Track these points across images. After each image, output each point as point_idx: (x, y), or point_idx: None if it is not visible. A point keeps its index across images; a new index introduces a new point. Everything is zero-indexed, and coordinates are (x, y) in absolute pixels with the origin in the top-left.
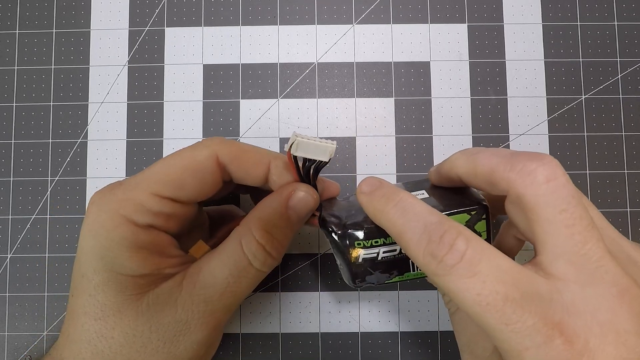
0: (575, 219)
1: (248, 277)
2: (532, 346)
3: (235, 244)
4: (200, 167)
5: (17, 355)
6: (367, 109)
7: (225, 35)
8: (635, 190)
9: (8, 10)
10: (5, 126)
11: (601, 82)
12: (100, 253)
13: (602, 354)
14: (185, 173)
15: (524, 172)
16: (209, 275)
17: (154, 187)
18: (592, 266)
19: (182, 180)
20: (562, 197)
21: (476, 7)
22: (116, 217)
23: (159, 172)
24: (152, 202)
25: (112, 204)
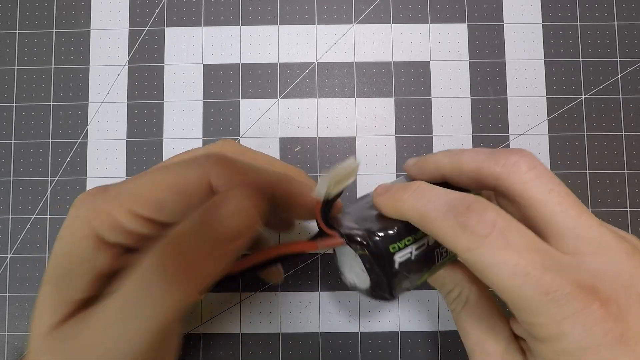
0: (563, 196)
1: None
2: (571, 314)
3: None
4: (188, 189)
5: (17, 355)
6: (367, 108)
7: (225, 35)
8: (635, 190)
9: (8, 10)
10: (5, 126)
11: (601, 82)
12: (58, 262)
13: (632, 315)
14: (168, 193)
15: (508, 164)
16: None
17: (132, 203)
18: (596, 235)
19: (164, 201)
20: (547, 179)
21: (476, 7)
22: (86, 227)
23: (141, 186)
24: (127, 219)
25: (88, 211)
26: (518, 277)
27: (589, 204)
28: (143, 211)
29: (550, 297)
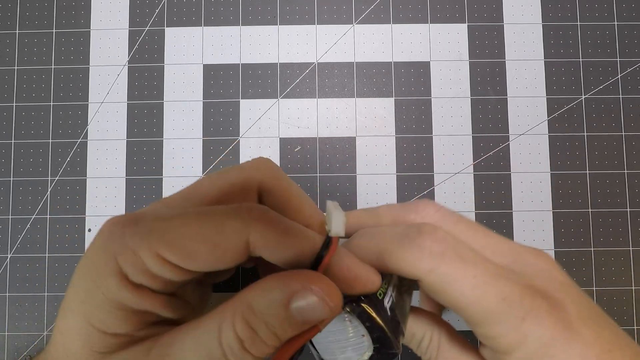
0: (469, 224)
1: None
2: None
3: (213, 328)
4: (224, 242)
5: (17, 355)
6: (367, 109)
7: (225, 35)
8: (635, 190)
9: (8, 10)
10: (5, 126)
11: (601, 82)
12: (82, 296)
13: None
14: (202, 245)
15: (419, 211)
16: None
17: (161, 248)
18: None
19: (196, 252)
20: (451, 216)
21: (476, 7)
22: (111, 263)
23: (174, 230)
24: (153, 263)
25: (115, 246)
26: (479, 288)
27: (589, 204)
28: (172, 258)
29: (507, 301)
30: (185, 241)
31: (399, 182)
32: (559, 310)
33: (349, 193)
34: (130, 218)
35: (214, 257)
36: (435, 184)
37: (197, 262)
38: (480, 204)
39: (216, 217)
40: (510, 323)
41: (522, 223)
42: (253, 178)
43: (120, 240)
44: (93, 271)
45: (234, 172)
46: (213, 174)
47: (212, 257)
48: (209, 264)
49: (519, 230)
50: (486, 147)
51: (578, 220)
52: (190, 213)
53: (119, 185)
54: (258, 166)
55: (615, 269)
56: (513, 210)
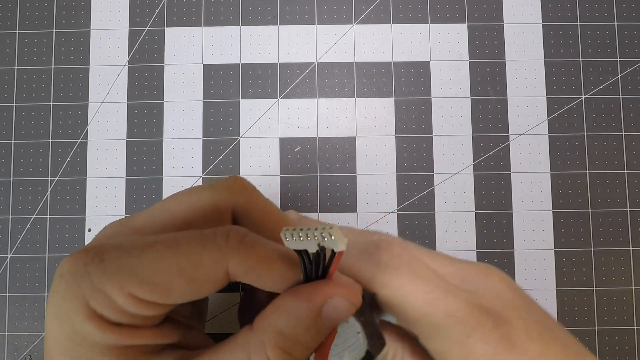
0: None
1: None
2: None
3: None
4: (202, 275)
5: (17, 355)
6: (367, 109)
7: (225, 35)
8: (635, 190)
9: (8, 10)
10: (5, 126)
11: (601, 82)
12: (66, 345)
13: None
14: (178, 278)
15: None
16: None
17: (133, 287)
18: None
19: (172, 287)
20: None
21: (476, 7)
22: (84, 308)
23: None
24: (127, 303)
25: (82, 289)
26: (429, 303)
27: (589, 204)
28: (145, 296)
29: (453, 318)
30: (159, 277)
31: (399, 182)
32: (504, 327)
33: (349, 193)
34: (93, 254)
35: (191, 290)
36: (435, 184)
37: (173, 297)
38: (480, 204)
39: (191, 248)
40: (456, 339)
41: (522, 223)
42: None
43: (88, 282)
44: (67, 320)
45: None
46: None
47: (189, 290)
48: (186, 297)
49: (519, 230)
50: (486, 147)
51: (578, 220)
52: (161, 244)
53: (119, 185)
54: (231, 186)
55: (615, 269)
56: (513, 210)
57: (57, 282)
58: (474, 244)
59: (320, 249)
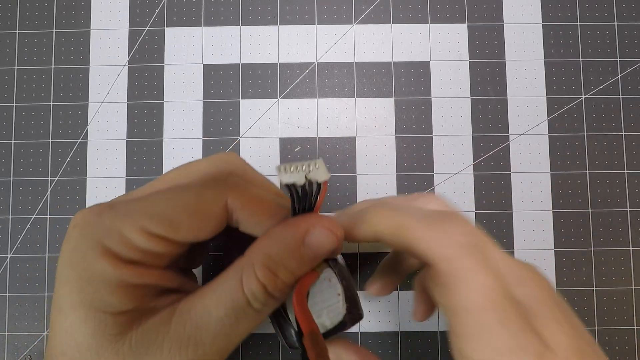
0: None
1: (247, 318)
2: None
3: (234, 280)
4: (205, 209)
5: (17, 355)
6: (367, 109)
7: (225, 35)
8: (635, 190)
9: (8, 10)
10: (5, 126)
11: (601, 82)
12: (78, 286)
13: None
14: (184, 213)
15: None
16: (203, 313)
17: (144, 222)
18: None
19: (180, 221)
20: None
21: (476, 7)
22: (99, 247)
23: (154, 204)
24: (140, 238)
25: (97, 232)
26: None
27: (589, 204)
28: (157, 230)
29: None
30: (168, 211)
31: (399, 182)
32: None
33: (349, 193)
34: (101, 205)
35: (197, 224)
36: (435, 184)
37: (181, 231)
38: (480, 204)
39: (194, 188)
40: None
41: (522, 223)
42: (224, 169)
43: (101, 225)
44: (82, 260)
45: (204, 163)
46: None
47: (195, 224)
48: (193, 233)
49: (519, 230)
50: (486, 147)
51: (578, 220)
52: (167, 188)
53: (119, 185)
54: (226, 159)
55: (615, 269)
56: (513, 210)
57: (71, 231)
58: None
59: (307, 181)
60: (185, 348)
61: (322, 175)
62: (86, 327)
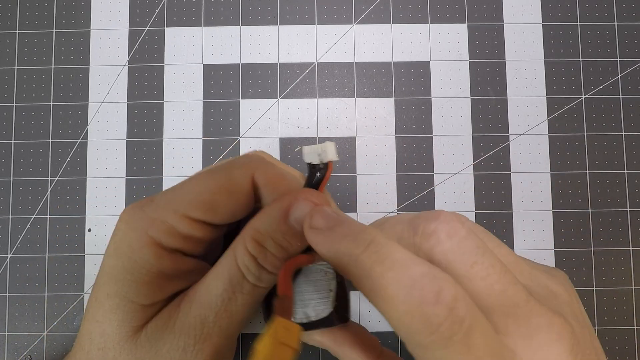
0: (488, 269)
1: (244, 292)
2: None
3: (230, 257)
4: (236, 187)
5: (17, 355)
6: (367, 109)
7: (225, 35)
8: (635, 190)
9: (8, 10)
10: (5, 126)
11: (601, 82)
12: (119, 275)
13: None
14: (219, 194)
15: (426, 233)
16: (205, 291)
17: (186, 208)
18: (523, 312)
19: (216, 202)
20: (468, 250)
21: (476, 7)
22: (144, 236)
23: (191, 191)
24: (183, 224)
25: (142, 222)
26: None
27: (589, 204)
28: (198, 214)
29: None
30: (205, 195)
31: (399, 182)
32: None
33: (349, 193)
34: (142, 200)
35: (232, 204)
36: (435, 184)
37: (220, 213)
38: (480, 204)
39: (222, 170)
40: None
41: (522, 223)
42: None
43: (146, 216)
44: (127, 250)
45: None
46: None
47: (231, 204)
48: (230, 212)
49: (519, 230)
50: (486, 147)
51: (578, 220)
52: (197, 175)
53: (119, 185)
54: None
55: (615, 269)
56: (513, 210)
57: (119, 225)
58: None
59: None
60: (193, 327)
61: (328, 156)
62: (115, 317)
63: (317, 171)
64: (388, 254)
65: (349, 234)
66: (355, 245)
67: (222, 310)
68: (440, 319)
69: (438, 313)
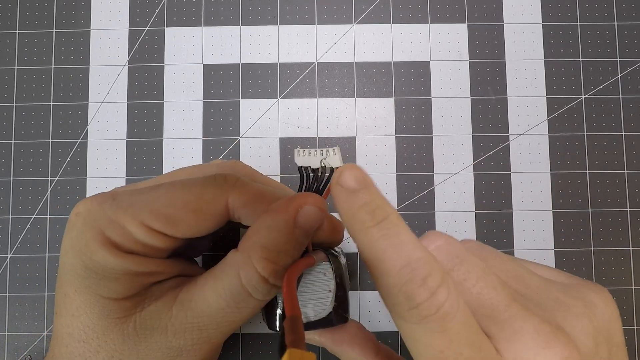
0: (464, 274)
1: (249, 307)
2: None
3: (232, 276)
4: (204, 207)
5: (17, 355)
6: (367, 109)
7: (225, 35)
8: (635, 190)
9: (8, 10)
10: (5, 126)
11: (601, 82)
12: (82, 273)
13: None
14: (184, 210)
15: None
16: (203, 304)
17: (145, 217)
18: (504, 316)
19: (179, 218)
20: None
21: (476, 7)
22: (101, 237)
23: (155, 200)
24: (140, 232)
25: (99, 221)
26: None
27: (589, 204)
28: (157, 226)
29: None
30: (169, 209)
31: (399, 182)
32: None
33: None
34: (103, 195)
35: (196, 223)
36: (435, 183)
37: (181, 228)
38: (480, 204)
39: (194, 187)
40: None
41: (522, 223)
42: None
43: (104, 215)
44: (85, 249)
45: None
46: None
47: (195, 222)
48: (192, 230)
49: (519, 230)
50: (486, 147)
51: (578, 220)
52: (168, 184)
53: (119, 185)
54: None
55: (615, 269)
56: (513, 210)
57: (74, 220)
58: None
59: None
60: (190, 331)
61: (337, 162)
62: (91, 310)
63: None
64: (396, 234)
65: (369, 204)
66: (371, 217)
67: (224, 321)
68: (421, 299)
69: (420, 293)
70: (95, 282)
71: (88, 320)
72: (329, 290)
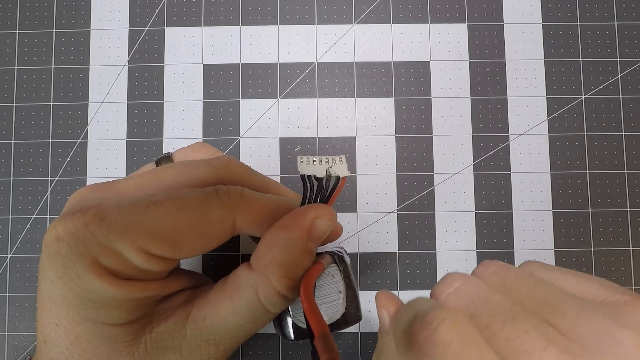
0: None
1: (265, 320)
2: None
3: (249, 296)
4: (211, 230)
5: (17, 355)
6: (367, 109)
7: (225, 35)
8: (635, 190)
9: (8, 10)
10: (5, 126)
11: (601, 82)
12: (77, 304)
13: None
14: (189, 234)
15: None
16: (219, 321)
17: (144, 243)
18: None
19: (182, 241)
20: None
21: (476, 7)
22: (95, 266)
23: (155, 223)
24: (140, 259)
25: (90, 249)
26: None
27: (589, 204)
28: (159, 251)
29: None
30: (170, 233)
31: (399, 182)
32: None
33: (349, 193)
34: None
35: (202, 245)
36: (435, 183)
37: (184, 251)
38: (480, 204)
39: (197, 205)
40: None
41: (522, 223)
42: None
43: (94, 240)
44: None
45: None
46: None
47: (200, 245)
48: (196, 251)
49: (519, 230)
50: (486, 147)
51: (578, 220)
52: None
53: None
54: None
55: (615, 269)
56: (513, 210)
57: (55, 245)
58: (473, 244)
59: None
60: (205, 347)
61: (342, 171)
62: (94, 338)
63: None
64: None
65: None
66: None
67: (239, 335)
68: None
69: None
70: (94, 311)
71: (92, 348)
72: (339, 291)
